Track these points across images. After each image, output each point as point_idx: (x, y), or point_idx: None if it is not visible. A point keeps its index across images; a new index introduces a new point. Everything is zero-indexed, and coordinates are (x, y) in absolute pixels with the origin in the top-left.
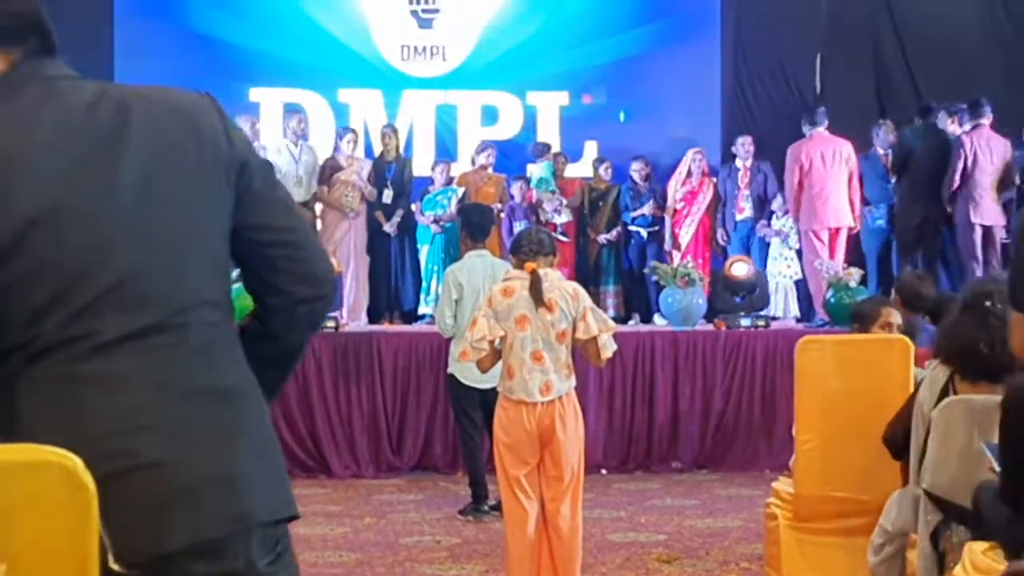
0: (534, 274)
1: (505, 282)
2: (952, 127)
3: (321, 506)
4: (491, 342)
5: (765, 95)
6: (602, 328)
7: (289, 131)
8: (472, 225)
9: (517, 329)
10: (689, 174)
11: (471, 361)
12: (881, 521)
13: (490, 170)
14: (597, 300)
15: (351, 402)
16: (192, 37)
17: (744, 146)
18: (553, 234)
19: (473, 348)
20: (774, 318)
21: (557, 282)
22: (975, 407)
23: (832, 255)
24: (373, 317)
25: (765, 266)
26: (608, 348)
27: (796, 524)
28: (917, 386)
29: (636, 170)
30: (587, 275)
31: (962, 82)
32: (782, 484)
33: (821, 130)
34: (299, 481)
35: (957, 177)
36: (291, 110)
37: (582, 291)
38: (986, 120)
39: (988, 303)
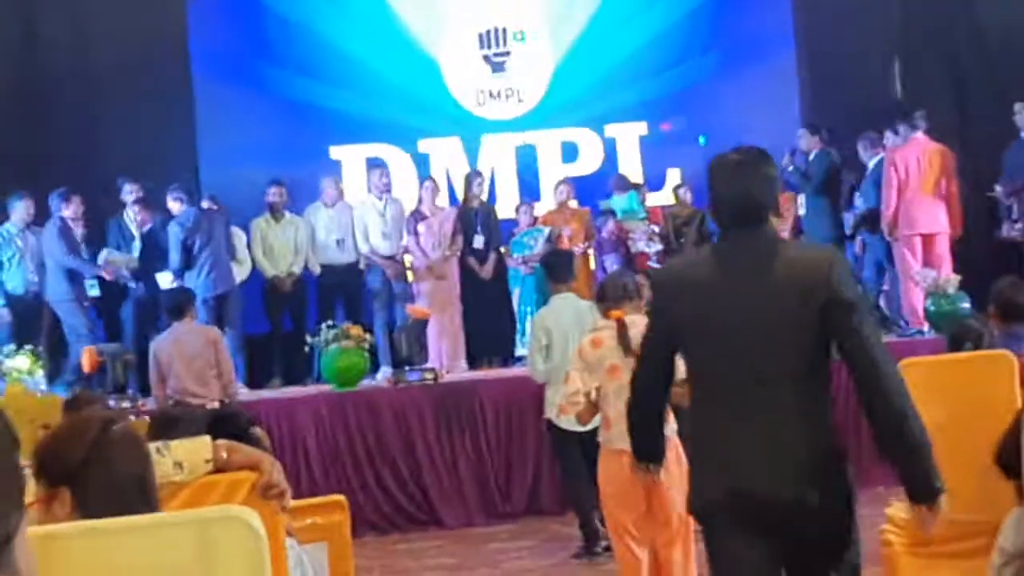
0: (620, 322)
1: (593, 333)
2: None
3: (435, 559)
4: (587, 395)
5: (845, 105)
6: None
7: (373, 186)
8: (551, 269)
9: (610, 379)
10: None
11: (570, 416)
12: (999, 542)
13: (571, 204)
14: None
15: (456, 451)
16: (270, 100)
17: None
18: (640, 273)
19: (570, 403)
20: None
21: (644, 328)
22: None
23: (929, 262)
24: (471, 363)
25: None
26: None
27: (913, 550)
28: None
29: None
30: None
31: None
32: (896, 509)
33: (918, 135)
34: (412, 534)
35: None
36: (373, 164)
37: None
38: None
39: None
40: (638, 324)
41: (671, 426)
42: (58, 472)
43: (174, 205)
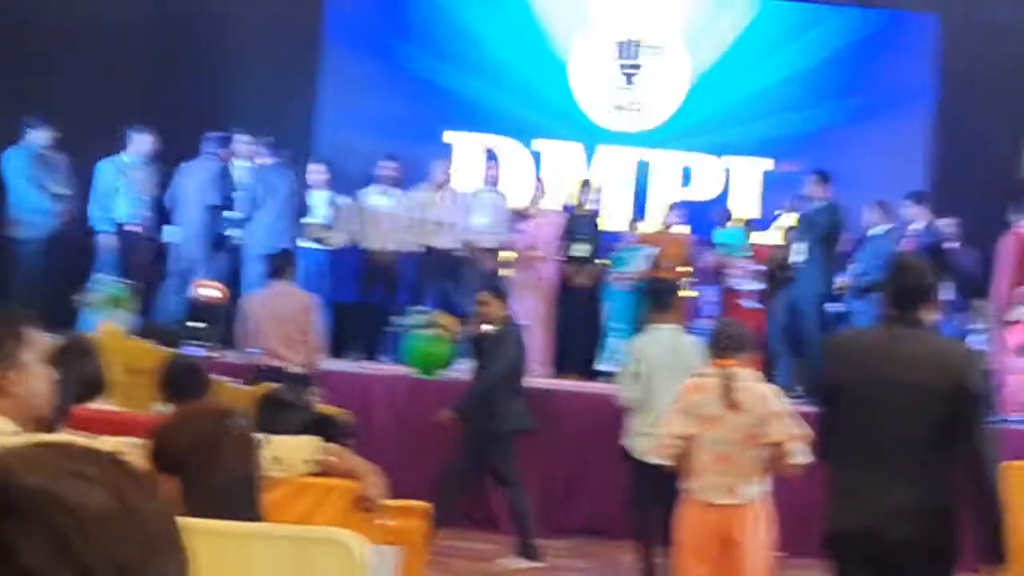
0: (727, 372)
1: (698, 378)
2: None
3: (486, 565)
4: (684, 439)
5: (973, 177)
6: (791, 436)
7: (483, 176)
8: (655, 298)
9: (706, 428)
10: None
11: (664, 457)
12: None
13: (675, 229)
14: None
15: (525, 457)
16: (393, 75)
17: (952, 227)
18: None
19: (669, 446)
20: None
21: (751, 383)
22: None
23: None
24: (560, 370)
25: None
26: (795, 456)
27: None
28: None
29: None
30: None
31: None
32: None
33: None
34: (468, 534)
35: None
36: (487, 156)
37: (775, 394)
38: None
39: None
40: (744, 377)
41: (763, 487)
42: (167, 461)
43: (262, 159)
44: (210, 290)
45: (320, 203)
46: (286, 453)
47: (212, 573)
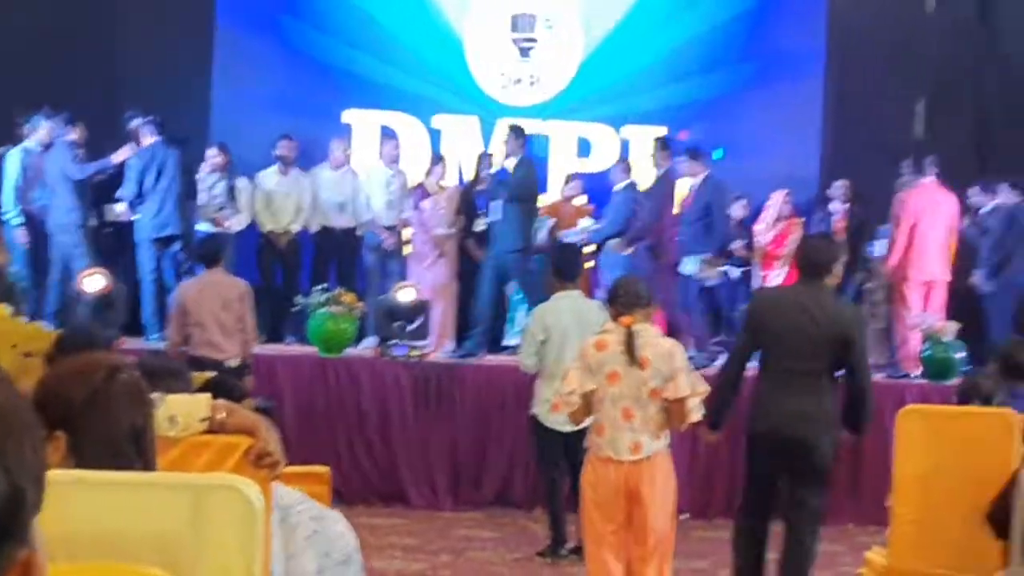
0: (629, 329)
1: (600, 335)
2: None
3: (398, 538)
4: (583, 395)
5: (865, 139)
6: (693, 391)
7: (382, 155)
8: (560, 266)
9: (608, 384)
10: (778, 217)
11: (563, 414)
12: None
13: (575, 201)
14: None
15: (432, 431)
16: (289, 55)
17: (841, 189)
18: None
19: (564, 401)
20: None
21: (653, 339)
22: None
23: (926, 308)
24: (460, 345)
25: None
26: (694, 413)
27: None
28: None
29: (736, 208)
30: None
31: None
32: (876, 555)
33: (929, 180)
34: (376, 510)
35: None
36: (385, 134)
37: (679, 350)
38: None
39: None
40: (647, 333)
41: (665, 440)
42: (56, 415)
43: (147, 139)
44: (95, 280)
45: (217, 186)
46: (181, 410)
47: (105, 524)
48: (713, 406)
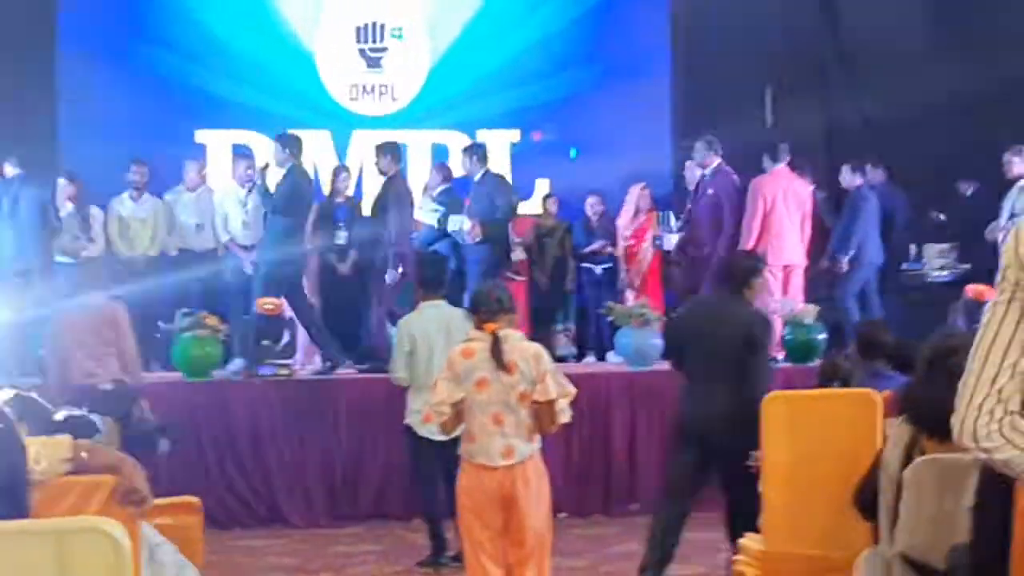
0: (495, 336)
1: (466, 343)
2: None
3: (277, 559)
4: (452, 405)
5: (718, 130)
6: (560, 393)
7: (237, 175)
8: (425, 276)
9: (477, 392)
10: (637, 211)
11: (434, 424)
12: None
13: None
14: (549, 339)
15: (305, 449)
16: (137, 78)
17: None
18: (507, 277)
19: (435, 412)
20: None
21: (518, 343)
22: (946, 467)
23: (785, 292)
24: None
25: None
26: (564, 415)
27: None
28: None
29: (590, 204)
30: (540, 314)
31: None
32: (750, 541)
33: (781, 166)
34: (254, 532)
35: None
36: (239, 153)
37: (544, 353)
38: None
39: (953, 360)
40: (512, 338)
41: (537, 443)
42: None
43: (11, 171)
44: None
45: (70, 216)
46: (44, 453)
47: None
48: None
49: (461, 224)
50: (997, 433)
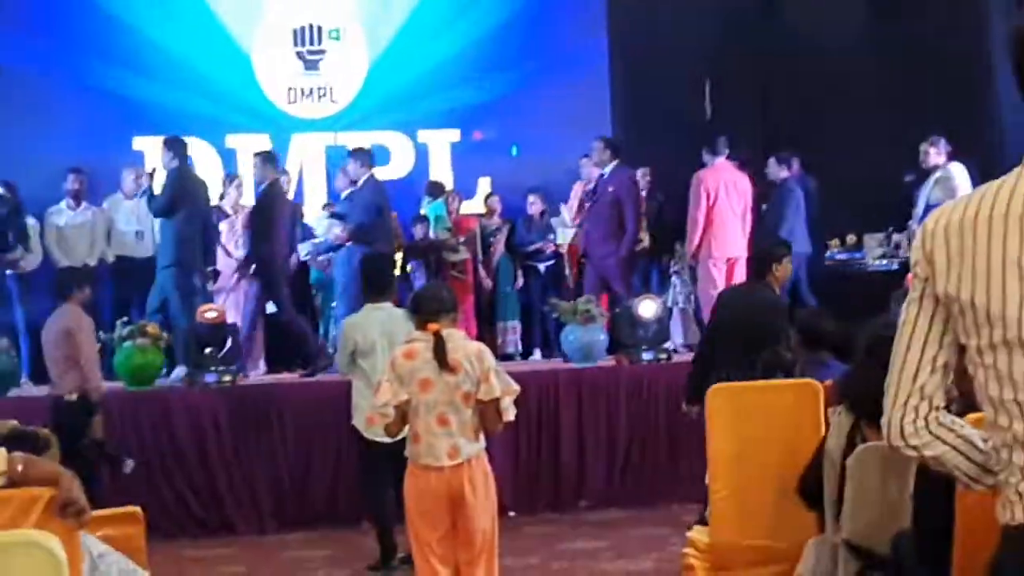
0: (437, 336)
1: (408, 344)
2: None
3: (227, 567)
4: (396, 407)
5: (658, 124)
6: (504, 391)
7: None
8: (371, 279)
9: (421, 392)
10: (580, 207)
11: (378, 427)
12: (799, 569)
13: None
14: (494, 337)
15: (251, 456)
16: (73, 87)
17: (642, 177)
18: (452, 277)
19: (379, 414)
20: (675, 350)
21: (461, 342)
22: (889, 454)
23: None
24: (276, 366)
25: (662, 296)
26: (508, 413)
27: (714, 574)
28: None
29: (531, 203)
30: (485, 312)
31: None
32: (697, 533)
33: (722, 159)
34: (202, 542)
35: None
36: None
37: (487, 352)
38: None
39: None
40: (455, 338)
41: (482, 443)
42: None
43: None
44: None
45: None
46: None
47: None
48: (691, 382)
49: (330, 228)
50: (924, 430)
